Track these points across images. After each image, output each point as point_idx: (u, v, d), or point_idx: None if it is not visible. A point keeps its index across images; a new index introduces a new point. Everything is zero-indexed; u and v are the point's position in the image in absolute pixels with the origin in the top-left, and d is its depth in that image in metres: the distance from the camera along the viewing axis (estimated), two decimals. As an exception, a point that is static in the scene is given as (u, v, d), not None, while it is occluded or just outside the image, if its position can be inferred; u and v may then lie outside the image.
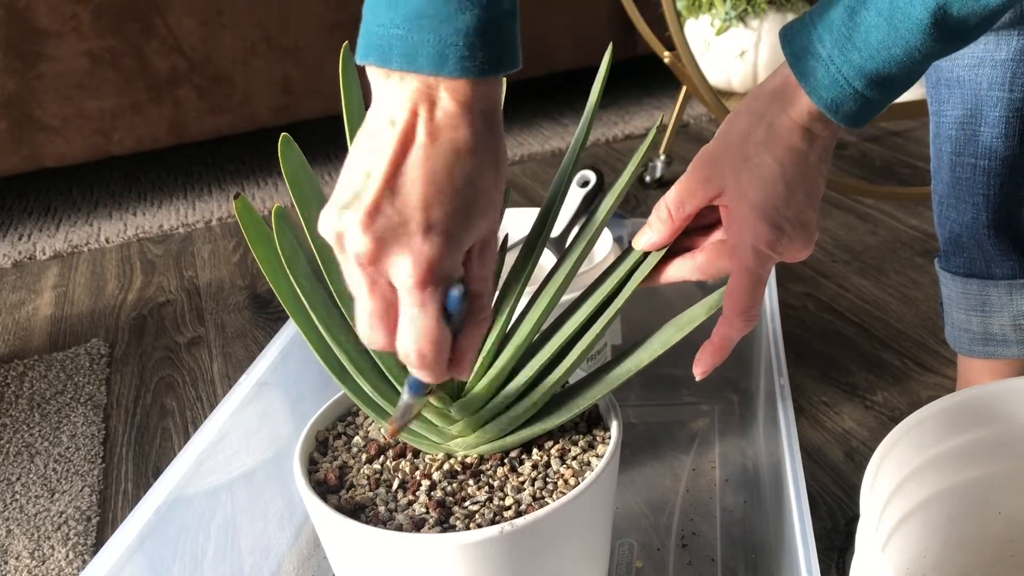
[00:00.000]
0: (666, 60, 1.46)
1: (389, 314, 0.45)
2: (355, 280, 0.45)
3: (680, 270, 0.55)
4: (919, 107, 1.46)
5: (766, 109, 0.50)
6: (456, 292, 0.44)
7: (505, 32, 0.44)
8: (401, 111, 0.43)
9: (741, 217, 0.50)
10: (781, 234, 0.50)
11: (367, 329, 0.46)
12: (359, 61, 0.45)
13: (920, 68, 0.47)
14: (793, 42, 0.48)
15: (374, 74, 0.44)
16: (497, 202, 0.47)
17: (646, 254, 0.56)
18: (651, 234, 0.54)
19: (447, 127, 0.43)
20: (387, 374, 0.56)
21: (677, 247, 0.56)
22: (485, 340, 0.55)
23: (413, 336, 0.44)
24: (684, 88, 1.53)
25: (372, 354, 0.56)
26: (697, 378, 0.55)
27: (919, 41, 0.45)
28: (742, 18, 1.68)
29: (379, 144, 0.43)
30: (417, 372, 0.47)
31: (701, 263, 0.55)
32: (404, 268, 0.43)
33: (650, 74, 2.15)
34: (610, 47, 0.57)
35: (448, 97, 0.43)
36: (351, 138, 0.56)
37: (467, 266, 0.47)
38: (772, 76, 0.51)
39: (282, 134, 0.56)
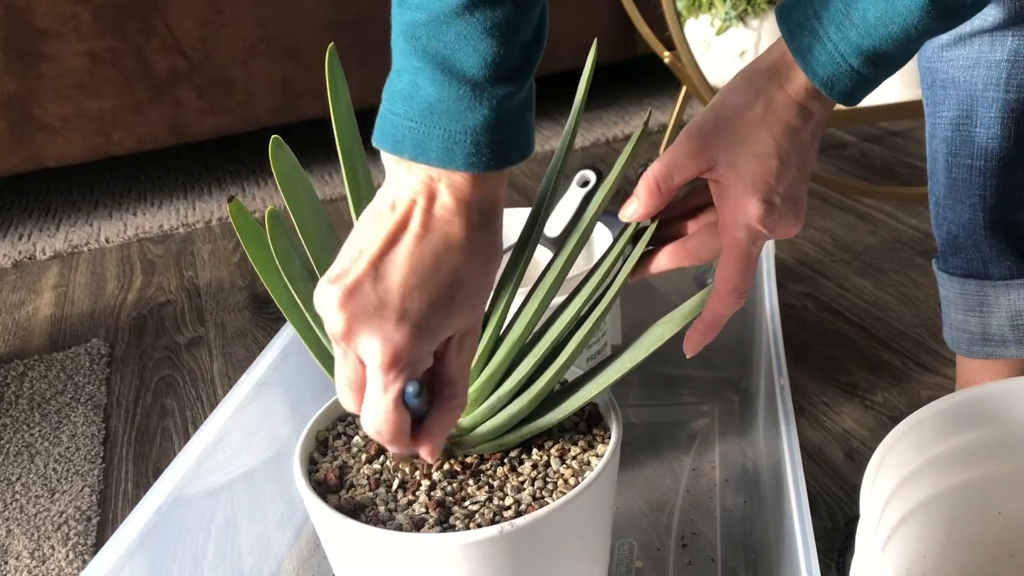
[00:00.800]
0: (666, 60, 1.46)
1: (359, 386, 0.47)
2: (334, 347, 0.47)
3: (672, 257, 0.55)
4: (919, 107, 1.45)
5: (764, 85, 0.50)
6: (412, 389, 0.45)
7: (515, 128, 0.45)
8: (403, 198, 0.45)
9: (733, 192, 0.50)
10: (772, 210, 0.50)
11: (340, 393, 0.48)
12: (375, 144, 0.46)
13: (915, 46, 0.47)
14: (789, 19, 0.48)
15: (386, 156, 0.46)
16: (483, 296, 0.48)
17: (633, 245, 0.56)
18: (637, 205, 0.54)
19: (442, 221, 0.45)
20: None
21: (667, 235, 0.56)
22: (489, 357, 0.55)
23: (372, 414, 0.46)
24: (684, 88, 1.53)
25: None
26: (688, 355, 0.55)
27: (916, 19, 0.45)
28: (742, 18, 1.68)
29: (377, 225, 0.45)
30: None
31: (692, 247, 0.54)
32: (372, 350, 0.44)
33: (650, 74, 2.15)
34: (595, 44, 0.57)
35: (448, 192, 0.45)
36: (340, 139, 0.56)
37: (445, 353, 0.48)
38: (768, 51, 0.51)
39: (272, 136, 0.56)
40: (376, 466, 0.59)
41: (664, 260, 0.55)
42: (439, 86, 0.43)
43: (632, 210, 0.54)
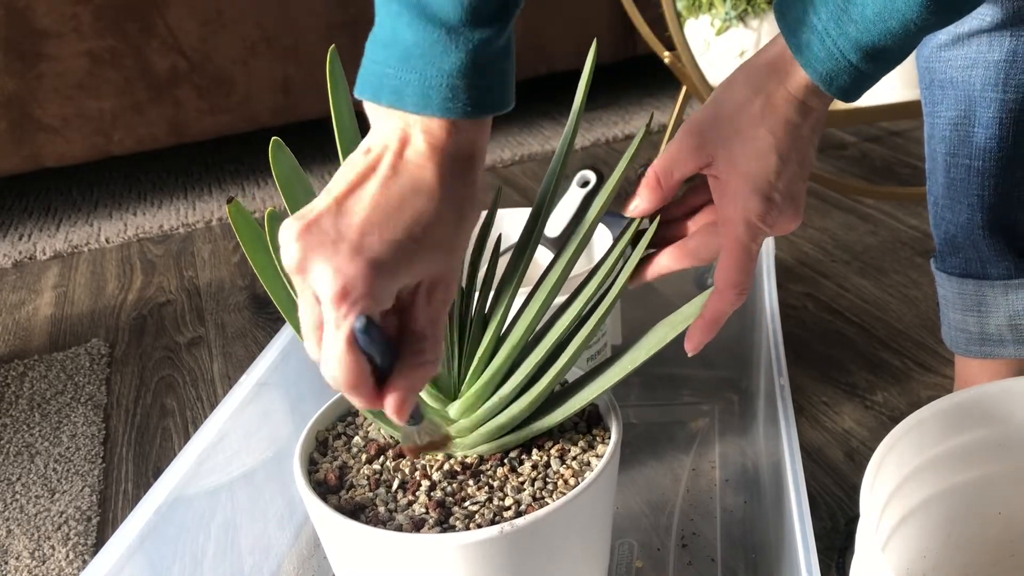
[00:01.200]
0: (666, 60, 1.46)
1: (317, 325, 0.45)
2: (295, 290, 0.46)
3: (671, 258, 0.55)
4: (919, 107, 1.45)
5: (763, 82, 0.50)
6: (359, 324, 0.42)
7: (493, 75, 0.45)
8: (376, 143, 0.45)
9: (732, 189, 0.50)
10: (772, 206, 0.50)
11: (306, 341, 0.46)
12: (356, 95, 0.46)
13: (914, 41, 0.47)
14: (788, 15, 0.48)
15: (368, 107, 0.46)
16: (454, 247, 0.47)
17: (633, 247, 0.56)
18: (639, 201, 0.54)
19: (413, 165, 0.45)
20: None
21: (666, 237, 0.56)
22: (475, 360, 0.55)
23: (327, 356, 0.44)
24: (684, 88, 1.53)
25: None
26: (689, 354, 0.55)
27: (915, 13, 0.44)
28: (742, 18, 1.69)
29: (348, 168, 0.45)
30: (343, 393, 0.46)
31: (692, 247, 0.55)
32: (324, 281, 0.43)
33: (650, 74, 2.15)
34: (594, 44, 0.57)
35: (422, 138, 0.45)
36: (340, 140, 0.57)
37: (413, 303, 0.47)
38: (767, 47, 0.51)
39: (273, 138, 0.56)
40: (376, 466, 0.59)
41: (664, 262, 0.56)
42: (415, 30, 0.43)
43: (634, 206, 0.55)
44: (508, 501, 0.54)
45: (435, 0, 0.43)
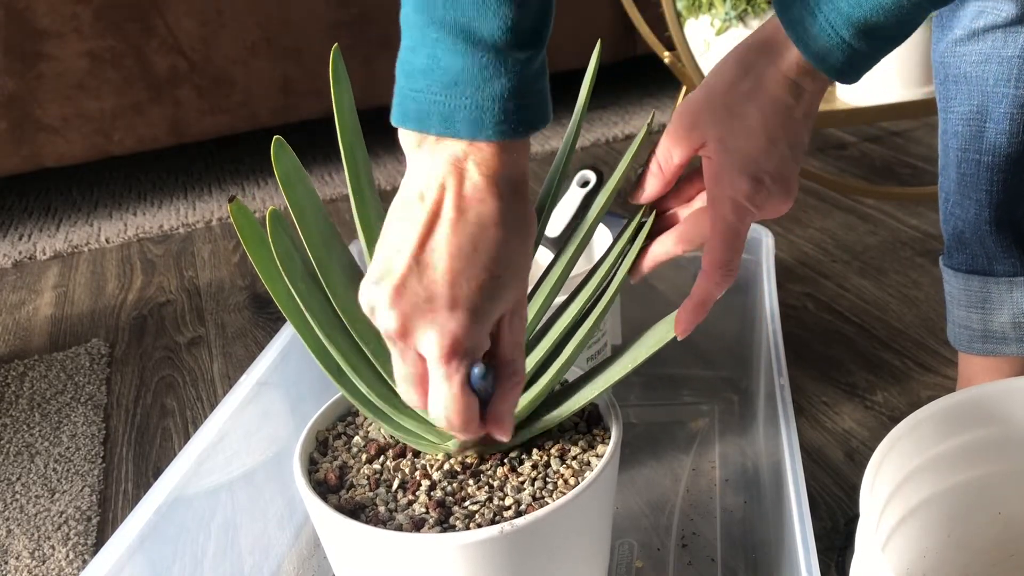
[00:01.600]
0: (666, 60, 1.46)
1: (421, 381, 0.47)
2: (390, 347, 0.48)
3: (665, 246, 0.56)
4: (919, 107, 1.46)
5: (755, 60, 0.50)
6: (478, 371, 0.46)
7: (536, 92, 0.45)
8: (431, 186, 0.44)
9: (721, 168, 0.50)
10: (760, 187, 0.50)
11: (403, 391, 0.49)
12: (395, 123, 0.46)
13: (909, 18, 0.46)
14: None
15: (406, 140, 0.46)
16: (525, 269, 0.48)
17: (631, 242, 0.56)
18: (643, 189, 0.55)
19: (475, 200, 0.44)
20: (384, 375, 0.56)
21: (663, 228, 0.56)
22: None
23: (440, 404, 0.46)
24: (684, 88, 1.53)
25: (369, 355, 0.56)
26: (679, 338, 0.55)
27: None
28: (742, 18, 1.68)
29: (409, 219, 0.45)
30: (453, 433, 0.49)
31: (683, 232, 0.55)
32: (430, 342, 0.44)
33: (650, 74, 2.15)
34: (598, 46, 0.57)
35: (476, 170, 0.44)
36: (342, 138, 0.57)
37: (499, 334, 0.48)
38: (761, 28, 0.51)
39: (275, 137, 0.56)
40: (376, 466, 0.59)
41: (659, 249, 0.56)
42: (461, 56, 0.43)
43: (638, 193, 0.55)
44: (508, 501, 0.54)
45: (478, 23, 0.42)
